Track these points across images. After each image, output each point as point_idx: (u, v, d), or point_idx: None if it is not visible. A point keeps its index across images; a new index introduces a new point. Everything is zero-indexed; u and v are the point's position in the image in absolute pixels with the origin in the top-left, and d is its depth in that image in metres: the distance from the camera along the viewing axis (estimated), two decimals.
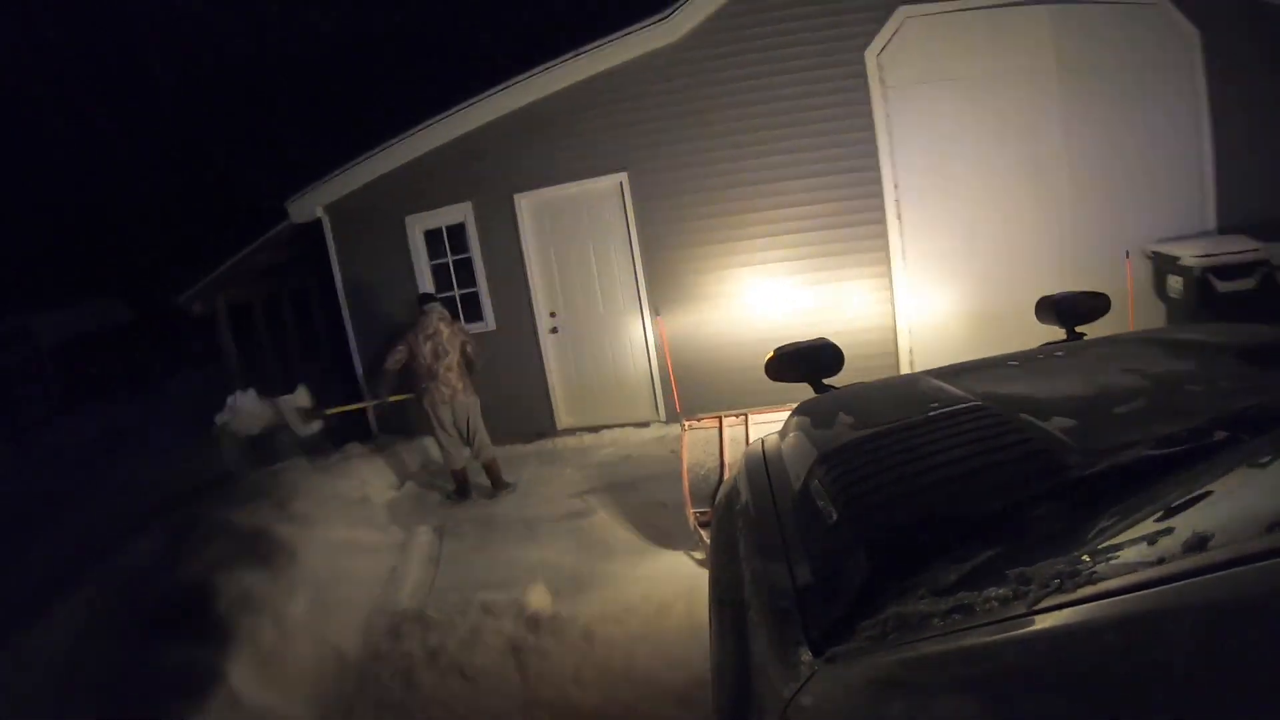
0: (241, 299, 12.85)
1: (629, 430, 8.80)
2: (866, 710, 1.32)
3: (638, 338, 8.92)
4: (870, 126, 8.20)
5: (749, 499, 2.45)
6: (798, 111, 8.26)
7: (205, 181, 24.31)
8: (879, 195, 8.25)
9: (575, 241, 8.93)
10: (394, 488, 8.19)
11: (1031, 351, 3.06)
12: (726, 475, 5.18)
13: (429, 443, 8.65)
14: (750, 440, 5.69)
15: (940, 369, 2.97)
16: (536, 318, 9.02)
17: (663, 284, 8.69)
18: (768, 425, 5.20)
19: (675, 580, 5.20)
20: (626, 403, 9.10)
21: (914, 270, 8.33)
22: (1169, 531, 1.21)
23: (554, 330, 9.00)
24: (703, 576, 4.33)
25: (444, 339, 7.40)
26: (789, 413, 2.94)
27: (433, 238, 9.19)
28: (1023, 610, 1.22)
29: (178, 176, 23.88)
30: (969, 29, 8.07)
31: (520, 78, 8.56)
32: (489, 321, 9.08)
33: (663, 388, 8.86)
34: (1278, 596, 0.98)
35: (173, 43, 22.35)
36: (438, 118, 8.82)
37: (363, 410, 9.33)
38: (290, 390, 8.95)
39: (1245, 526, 1.13)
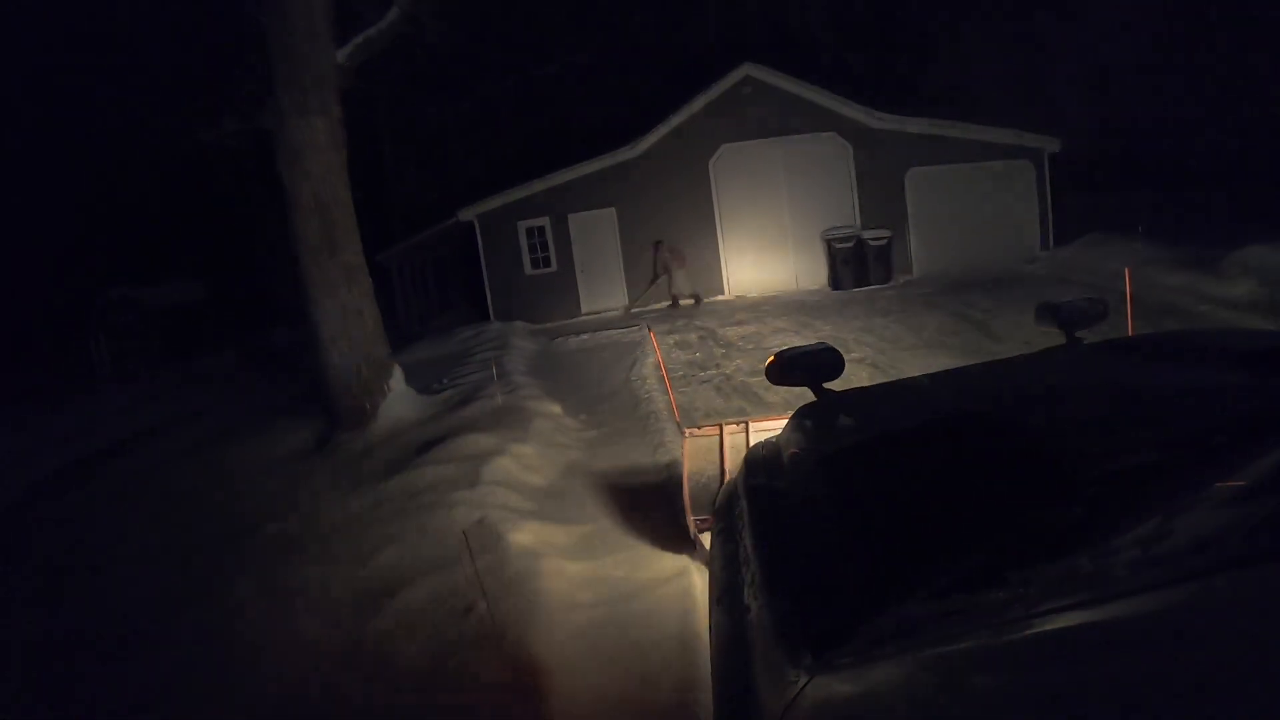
0: (407, 263, 24.18)
1: (616, 313, 20.51)
2: (866, 714, 1.31)
3: (617, 279, 20.77)
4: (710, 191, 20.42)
5: (749, 502, 2.47)
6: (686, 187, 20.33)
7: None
8: (713, 219, 20.49)
9: (594, 236, 20.71)
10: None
11: (1031, 356, 3.11)
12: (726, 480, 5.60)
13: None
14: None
15: (940, 373, 3.14)
16: (576, 267, 20.83)
17: (632, 256, 20.53)
18: (769, 434, 4.79)
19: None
20: (611, 300, 20.86)
21: (730, 248, 20.55)
22: (1167, 535, 1.29)
23: (583, 272, 20.82)
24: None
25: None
26: (780, 423, 2.96)
27: (529, 232, 20.86)
28: (1021, 614, 1.24)
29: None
30: (752, 153, 20.32)
31: (576, 165, 20.46)
32: (553, 266, 20.81)
33: (627, 290, 20.72)
34: (1274, 599, 1.03)
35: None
36: (530, 182, 20.62)
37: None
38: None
39: (1245, 528, 1.23)
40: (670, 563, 5.55)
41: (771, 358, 3.20)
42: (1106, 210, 20.23)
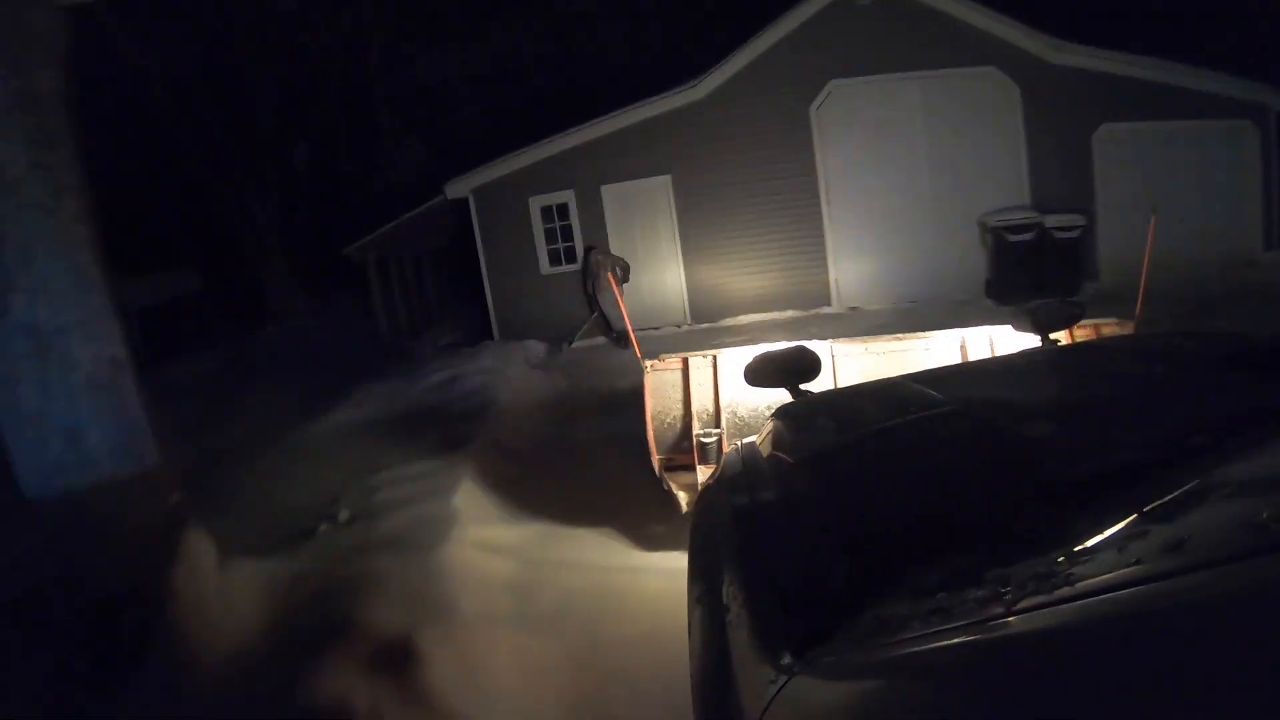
0: (383, 255, 18.21)
1: (670, 329, 14.35)
2: (846, 712, 1.31)
3: (676, 275, 14.55)
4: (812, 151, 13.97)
5: (728, 502, 2.46)
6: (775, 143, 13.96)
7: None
8: (816, 192, 14.03)
9: (638, 217, 14.44)
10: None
11: (1011, 356, 3.13)
12: (695, 425, 5.71)
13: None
14: (720, 385, 5.76)
15: (919, 373, 3.11)
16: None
17: (696, 249, 14.36)
18: (737, 361, 5.54)
19: None
20: (665, 310, 14.67)
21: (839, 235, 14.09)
22: (1145, 534, 1.31)
23: None
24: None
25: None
26: (755, 349, 3.05)
27: (547, 213, 14.67)
28: (1001, 612, 1.26)
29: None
30: (873, 94, 13.80)
31: (614, 113, 14.19)
32: (581, 262, 14.57)
33: (689, 302, 14.56)
34: (1253, 597, 1.07)
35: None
36: (550, 139, 14.42)
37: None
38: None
39: (1220, 528, 1.28)
40: None
41: (751, 360, 3.31)
42: None
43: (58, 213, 4.45)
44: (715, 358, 5.81)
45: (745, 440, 3.08)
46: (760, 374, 3.27)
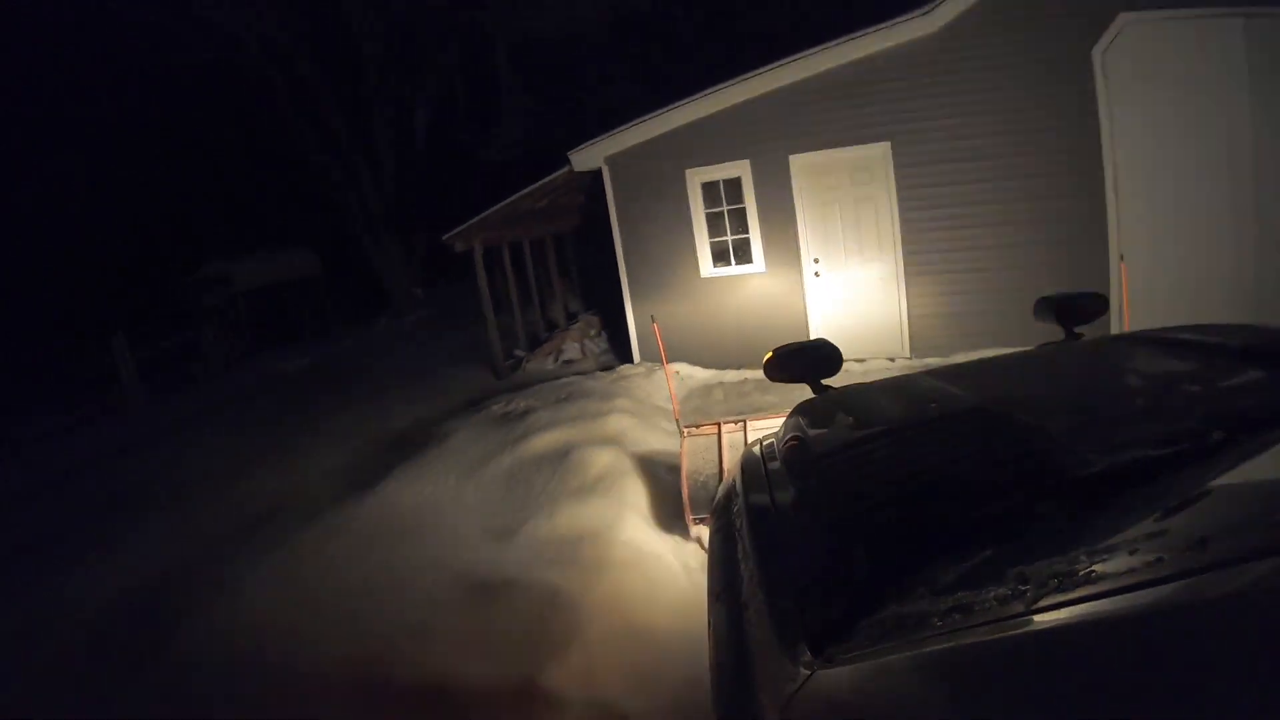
0: (494, 242, 14.33)
1: (881, 361, 10.10)
2: (866, 710, 1.31)
3: (890, 286, 10.26)
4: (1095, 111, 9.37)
5: (747, 499, 2.46)
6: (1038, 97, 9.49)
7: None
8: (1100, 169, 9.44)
9: (841, 201, 10.27)
10: None
11: (1029, 352, 3.13)
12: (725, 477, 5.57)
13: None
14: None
15: (938, 369, 3.05)
16: (802, 262, 10.42)
17: (917, 241, 10.01)
18: (767, 432, 5.42)
19: None
20: (875, 340, 10.42)
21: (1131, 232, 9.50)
22: (1166, 531, 1.30)
23: (817, 275, 10.37)
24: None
25: None
26: (778, 421, 2.94)
27: (709, 190, 10.64)
28: (1021, 609, 1.26)
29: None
30: (1180, 35, 9.17)
31: (804, 53, 9.90)
32: (759, 265, 10.55)
33: (910, 328, 10.19)
34: (1276, 594, 1.04)
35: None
36: (716, 87, 10.26)
37: None
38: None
39: (1241, 525, 1.24)
40: None
41: (769, 354, 3.28)
42: None
43: None
44: (745, 422, 6.04)
45: (764, 436, 2.99)
46: (780, 368, 3.26)
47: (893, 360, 10.16)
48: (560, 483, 6.47)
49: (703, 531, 5.37)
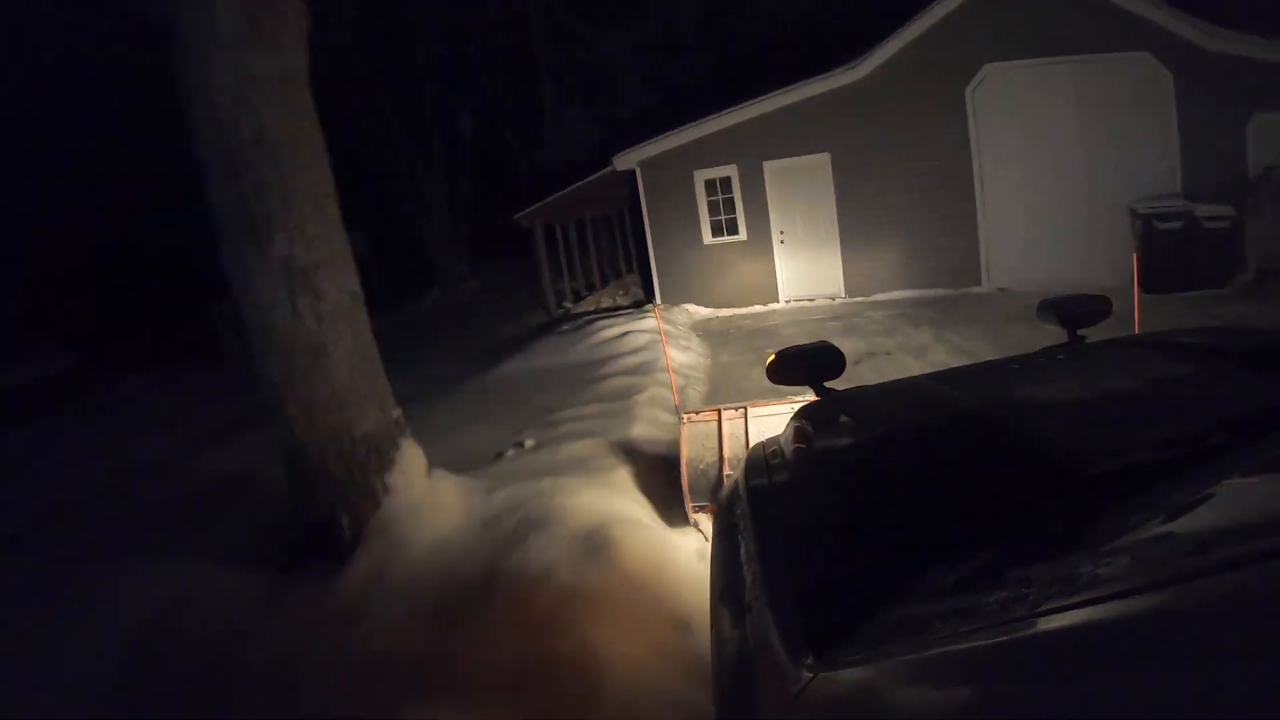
0: (549, 222, 19.29)
1: (824, 301, 15.06)
2: (868, 713, 1.30)
3: (833, 249, 15.11)
4: (967, 132, 14.21)
5: (750, 501, 2.46)
6: (932, 124, 14.28)
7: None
8: (970, 173, 14.27)
9: (798, 193, 15.06)
10: None
11: (1032, 355, 3.08)
12: (726, 470, 5.67)
13: None
14: (749, 434, 5.82)
15: (940, 372, 3.11)
16: (772, 234, 15.28)
17: (849, 217, 14.84)
18: (767, 419, 5.75)
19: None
20: (821, 285, 15.31)
21: (992, 217, 14.33)
22: (1169, 534, 1.31)
23: (781, 242, 15.24)
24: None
25: None
26: (788, 405, 3.09)
27: (710, 186, 15.45)
28: (1023, 613, 1.24)
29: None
30: (1027, 78, 13.94)
31: (772, 94, 14.78)
32: (742, 235, 15.40)
33: (845, 277, 15.09)
34: (1276, 599, 1.04)
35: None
36: (712, 116, 15.16)
37: None
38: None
39: (1245, 529, 1.25)
40: None
41: (772, 356, 3.19)
42: None
43: (310, 169, 5.34)
44: (746, 410, 5.96)
45: (767, 439, 3.04)
46: (783, 371, 3.16)
47: (833, 299, 15.04)
48: (619, 351, 11.18)
49: (702, 519, 5.43)
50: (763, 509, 2.34)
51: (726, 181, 15.32)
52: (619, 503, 5.71)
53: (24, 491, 10.26)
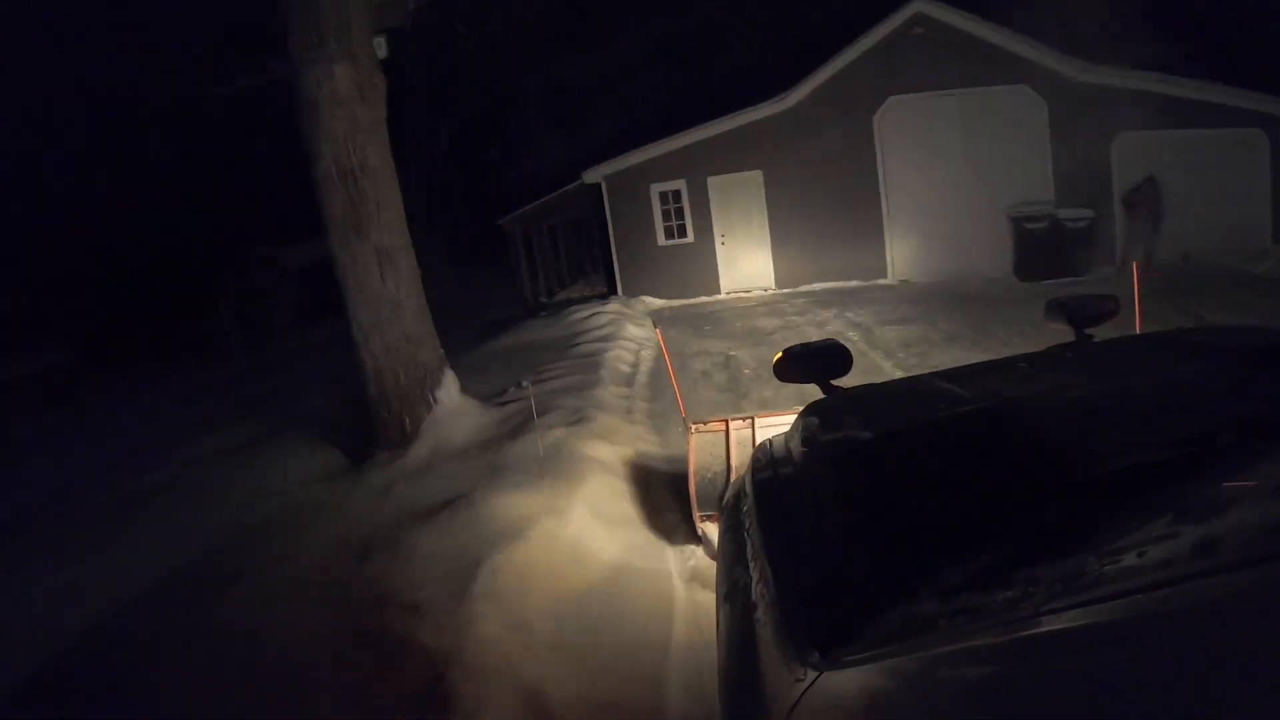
0: (526, 227, 22.20)
1: (758, 291, 17.99)
2: (873, 712, 1.30)
3: (764, 248, 18.10)
4: (874, 152, 17.31)
5: (756, 500, 2.47)
6: (846, 146, 17.32)
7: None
8: (877, 186, 17.38)
9: (736, 203, 18.05)
10: None
11: (1039, 354, 3.04)
12: (734, 477, 5.55)
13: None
14: (756, 443, 5.60)
15: (948, 370, 3.03)
16: (715, 236, 18.32)
17: (779, 222, 17.85)
18: (774, 429, 5.21)
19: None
20: (754, 279, 18.28)
21: (895, 221, 17.42)
22: (1176, 534, 1.28)
23: (723, 243, 18.25)
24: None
25: None
26: (794, 416, 3.01)
27: (663, 197, 18.40)
28: (1029, 612, 1.24)
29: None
30: (923, 107, 17.07)
31: (713, 121, 17.83)
32: (690, 238, 18.37)
33: (775, 271, 18.08)
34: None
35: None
36: (665, 139, 18.15)
37: None
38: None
39: (1253, 527, 1.21)
40: None
41: (779, 354, 3.19)
42: None
43: (391, 186, 8.22)
44: (754, 419, 6.02)
45: (774, 436, 2.99)
46: (790, 368, 3.15)
47: (765, 290, 18.00)
48: (588, 328, 13.96)
49: (709, 529, 5.43)
50: (768, 507, 2.36)
51: (677, 193, 18.27)
52: (592, 398, 8.77)
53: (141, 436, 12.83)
